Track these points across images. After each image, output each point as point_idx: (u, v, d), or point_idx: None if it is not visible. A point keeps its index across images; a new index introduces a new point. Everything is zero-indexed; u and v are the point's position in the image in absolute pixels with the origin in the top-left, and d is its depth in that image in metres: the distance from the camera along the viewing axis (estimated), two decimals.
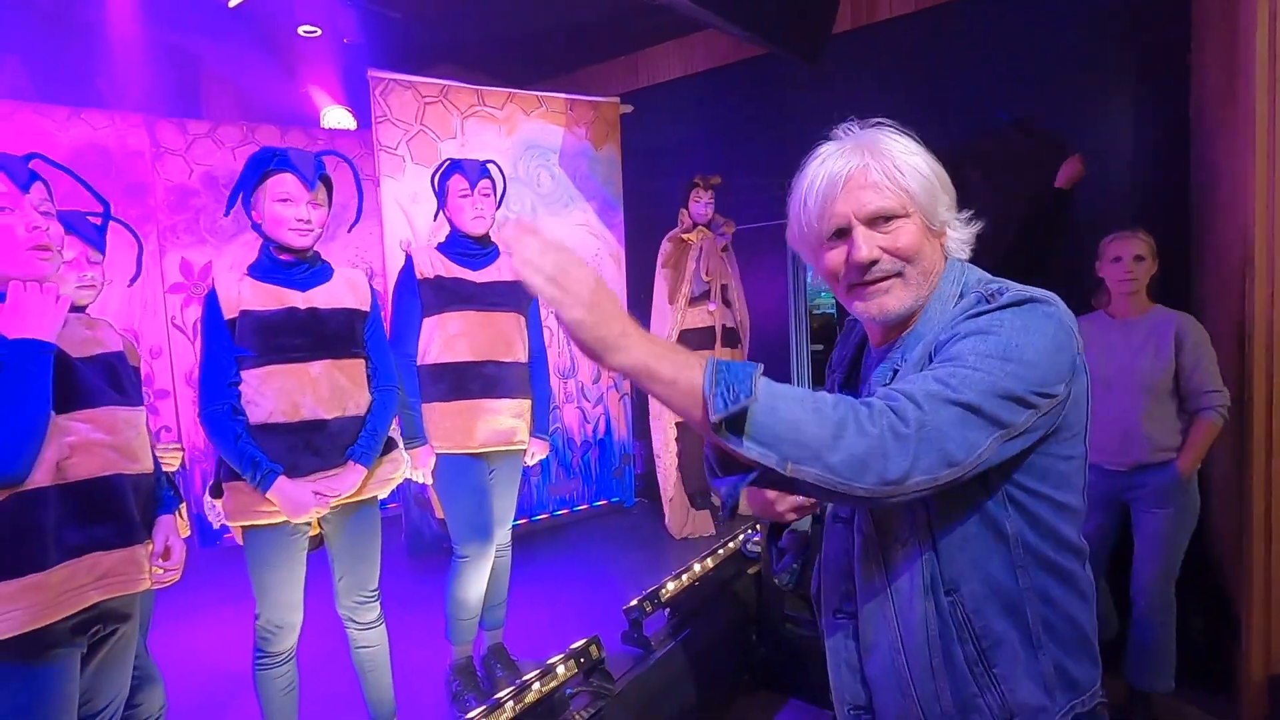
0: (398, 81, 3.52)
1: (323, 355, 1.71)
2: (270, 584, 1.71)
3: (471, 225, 2.16)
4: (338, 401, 1.72)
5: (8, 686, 1.12)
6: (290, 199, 1.65)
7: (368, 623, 1.90)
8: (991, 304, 0.84)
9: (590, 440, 4.20)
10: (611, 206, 4.21)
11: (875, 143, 0.91)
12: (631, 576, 3.28)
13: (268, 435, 1.64)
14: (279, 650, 1.76)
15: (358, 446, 1.75)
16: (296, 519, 1.67)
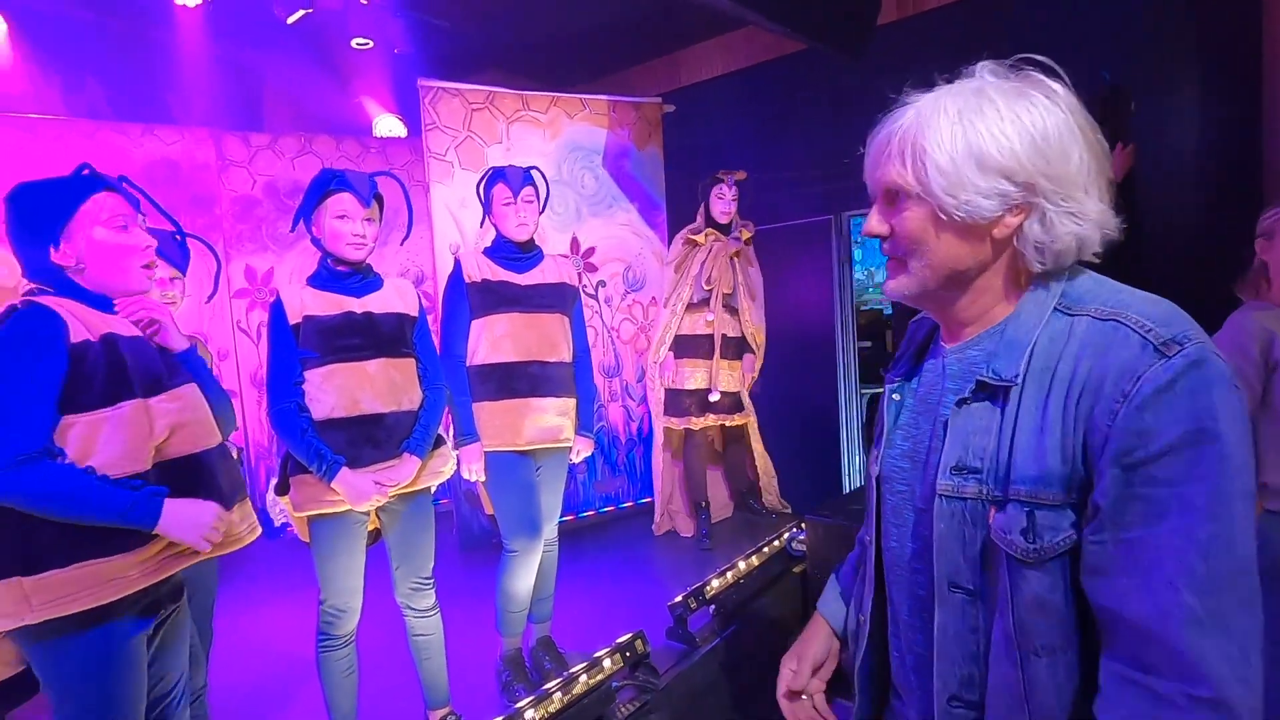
0: (445, 89, 3.62)
1: (378, 354, 1.83)
2: (333, 571, 1.82)
3: (515, 232, 2.23)
4: (393, 396, 1.84)
5: (90, 664, 1.21)
6: (347, 216, 1.78)
7: (423, 610, 1.99)
8: (1173, 379, 0.66)
9: (635, 438, 4.24)
10: (654, 205, 4.24)
11: (934, 107, 0.79)
12: (676, 573, 3.31)
13: (330, 429, 1.76)
14: (340, 634, 1.86)
15: (412, 439, 1.86)
16: (359, 507, 1.77)
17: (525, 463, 2.24)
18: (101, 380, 1.22)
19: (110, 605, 1.20)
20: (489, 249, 2.28)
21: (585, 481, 4.10)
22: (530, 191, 2.24)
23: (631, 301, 4.20)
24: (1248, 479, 0.66)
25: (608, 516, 4.14)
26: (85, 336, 1.22)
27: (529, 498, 2.24)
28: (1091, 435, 0.69)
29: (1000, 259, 0.80)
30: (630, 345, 4.21)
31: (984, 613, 0.78)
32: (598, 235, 4.07)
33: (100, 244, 1.29)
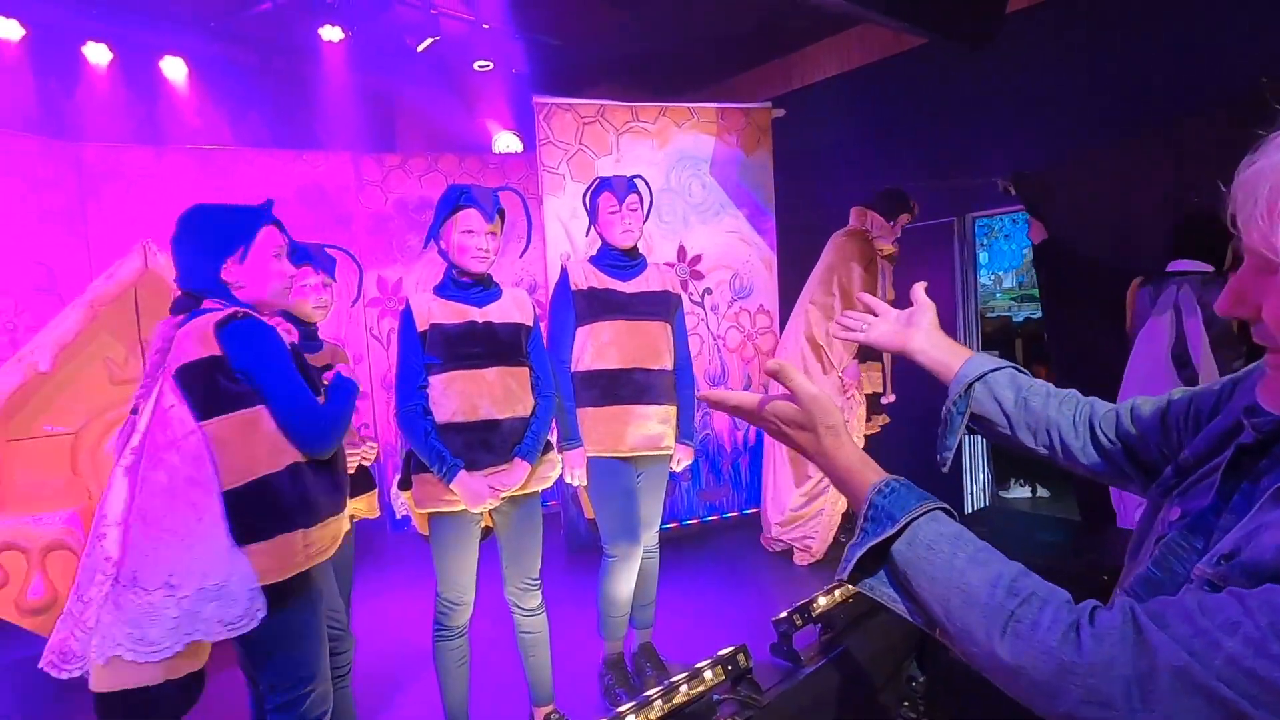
0: (558, 105, 3.75)
1: (496, 363, 1.92)
2: (449, 566, 1.93)
3: (620, 239, 2.26)
4: (508, 404, 1.92)
5: (305, 618, 1.46)
6: (473, 231, 1.88)
7: (530, 609, 2.06)
8: None
9: (740, 448, 4.18)
10: (763, 212, 4.18)
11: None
12: (780, 587, 3.23)
13: (450, 433, 1.86)
14: (455, 625, 1.96)
15: (523, 445, 1.94)
16: (474, 508, 1.86)
17: (626, 469, 2.26)
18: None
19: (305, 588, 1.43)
20: (594, 257, 2.33)
21: (690, 489, 4.09)
22: (635, 199, 2.27)
23: (739, 309, 4.16)
24: None
25: (711, 525, 4.11)
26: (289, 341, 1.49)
27: (629, 504, 2.26)
28: None
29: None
30: (736, 353, 4.16)
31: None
32: (704, 242, 4.06)
33: (262, 267, 1.48)
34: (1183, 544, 0.66)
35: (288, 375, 1.39)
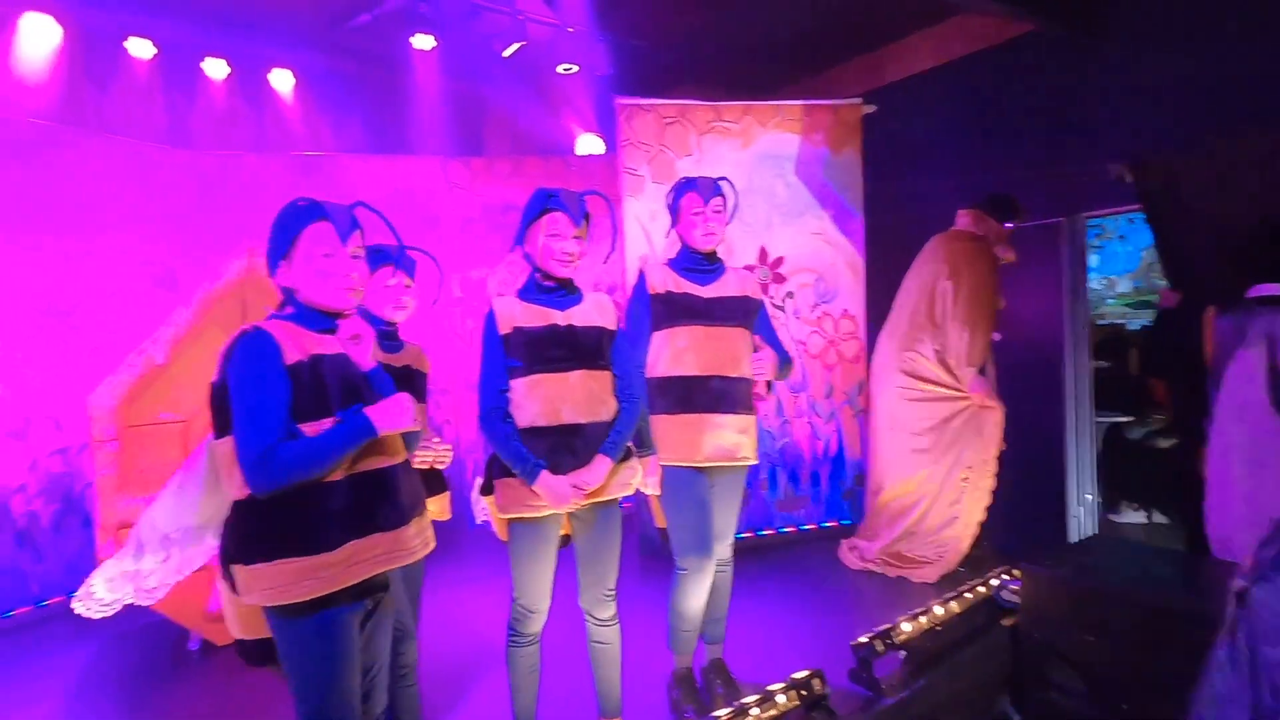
0: (640, 106, 3.73)
1: (578, 366, 1.89)
2: (526, 571, 1.91)
3: (701, 242, 2.20)
4: (591, 407, 1.89)
5: (309, 641, 1.38)
6: (559, 234, 1.86)
7: (604, 619, 2.03)
8: None
9: (820, 457, 4.03)
10: (849, 213, 4.00)
11: None
12: (860, 608, 3.08)
13: (533, 437, 1.84)
14: (529, 632, 1.95)
15: (606, 444, 1.91)
16: (558, 508, 1.85)
17: (700, 479, 2.19)
18: (307, 399, 1.37)
19: (323, 595, 1.35)
20: (673, 260, 2.27)
21: (767, 498, 3.98)
22: (719, 202, 2.20)
23: (821, 314, 4.00)
24: None
25: (788, 538, 3.98)
26: (298, 357, 1.37)
27: (702, 516, 2.19)
28: None
29: None
30: (819, 360, 4.01)
31: None
32: (787, 245, 3.93)
33: (310, 268, 1.42)
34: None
35: (248, 401, 1.31)
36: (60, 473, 3.56)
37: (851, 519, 4.07)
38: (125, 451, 2.89)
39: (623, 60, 4.82)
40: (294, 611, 1.36)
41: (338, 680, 1.39)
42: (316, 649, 1.38)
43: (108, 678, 2.82)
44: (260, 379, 1.33)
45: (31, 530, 3.45)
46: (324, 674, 1.38)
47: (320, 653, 1.38)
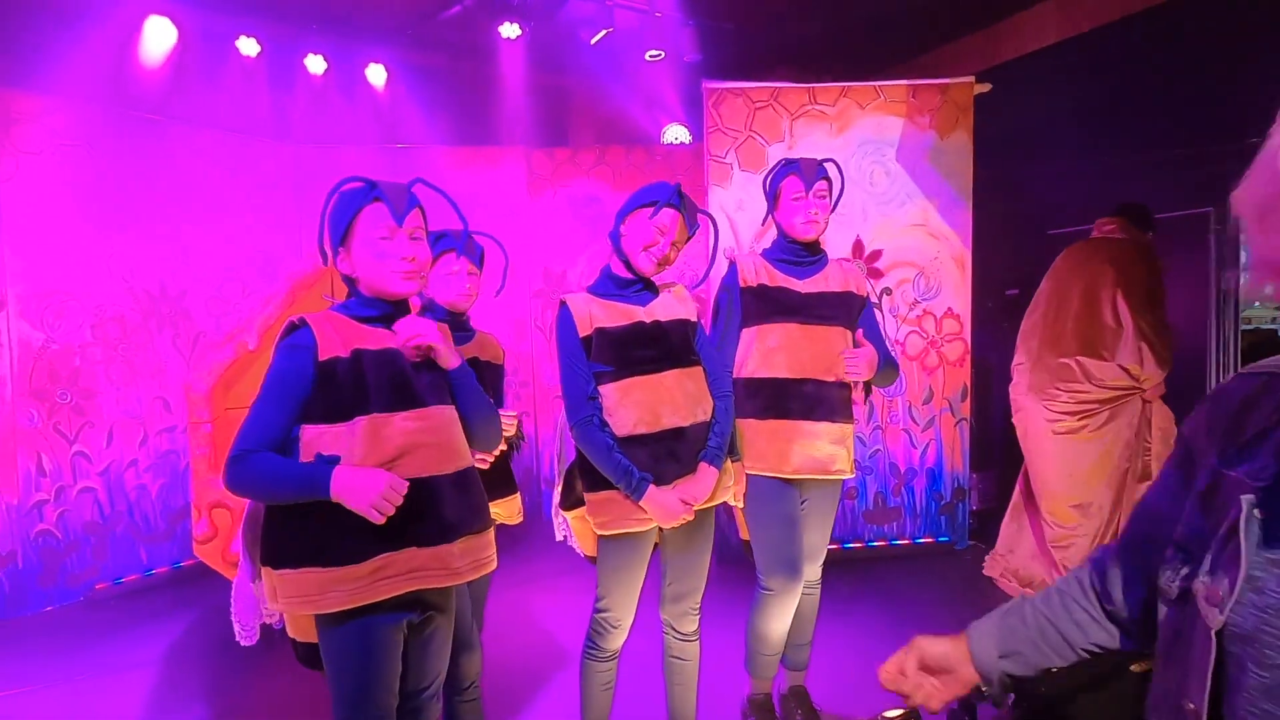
0: (729, 90, 3.54)
1: (671, 365, 1.75)
2: (616, 585, 1.78)
3: (802, 230, 1.98)
4: (690, 409, 1.75)
5: (343, 651, 1.32)
6: (666, 232, 1.71)
7: (686, 634, 1.89)
8: None
9: (916, 468, 3.73)
10: (958, 202, 3.67)
11: None
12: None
13: (633, 445, 1.70)
14: (609, 647, 1.83)
15: (708, 450, 1.76)
16: (667, 525, 1.71)
17: (789, 493, 2.00)
18: (343, 395, 1.29)
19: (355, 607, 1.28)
20: (768, 250, 2.08)
21: (855, 508, 3.72)
22: (824, 186, 1.97)
23: (921, 312, 3.69)
24: None
25: (877, 553, 3.71)
26: (335, 354, 1.29)
27: (790, 533, 2.00)
28: None
29: None
30: (917, 361, 3.70)
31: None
32: (885, 237, 3.64)
33: (365, 253, 1.33)
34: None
35: (258, 398, 1.29)
36: (167, 450, 3.76)
37: (949, 536, 3.75)
38: (218, 433, 2.99)
39: (711, 45, 4.63)
40: (329, 620, 1.30)
41: (369, 693, 1.33)
42: (349, 660, 1.32)
43: (201, 646, 2.94)
44: (279, 380, 1.29)
45: (141, 502, 3.67)
46: (356, 685, 1.32)
47: (353, 665, 1.32)
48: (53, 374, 3.37)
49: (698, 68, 4.68)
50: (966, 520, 3.78)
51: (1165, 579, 0.68)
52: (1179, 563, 0.67)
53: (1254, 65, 3.27)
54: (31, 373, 3.30)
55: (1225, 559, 0.61)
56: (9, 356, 3.24)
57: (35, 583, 3.31)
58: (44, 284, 3.34)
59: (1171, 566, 0.67)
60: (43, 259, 3.34)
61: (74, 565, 3.43)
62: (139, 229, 3.66)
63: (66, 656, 2.87)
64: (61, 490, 3.39)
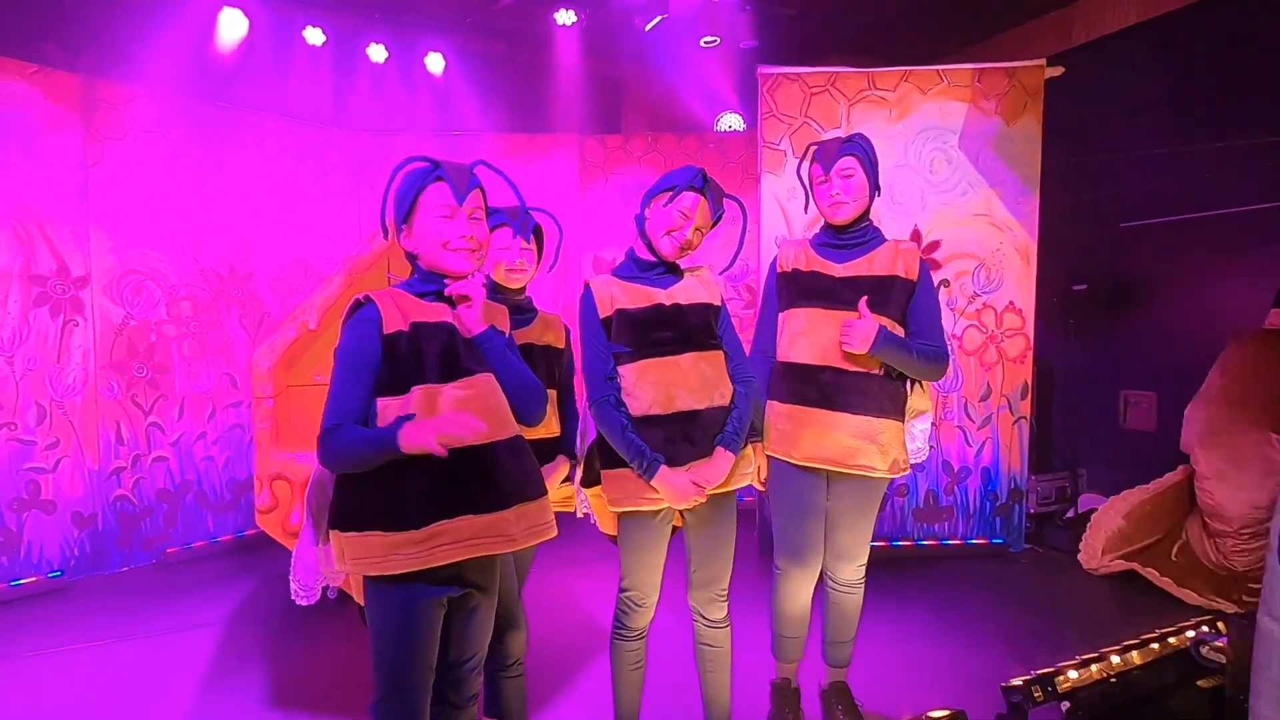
0: (785, 75, 3.48)
1: (689, 348, 1.74)
2: (636, 564, 1.80)
3: (829, 212, 1.94)
4: (706, 392, 1.74)
5: (386, 616, 1.35)
6: (688, 215, 1.71)
7: (715, 621, 1.89)
8: None
9: (970, 467, 3.61)
10: (1024, 191, 3.52)
11: None
12: (1011, 642, 2.70)
13: (647, 426, 1.71)
14: (635, 626, 1.85)
15: (725, 434, 1.75)
16: (677, 506, 1.72)
17: (807, 479, 1.96)
18: (403, 367, 1.32)
19: (406, 573, 1.31)
20: (815, 236, 2.04)
21: (904, 505, 3.64)
22: (849, 164, 1.90)
23: (981, 305, 3.57)
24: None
25: (927, 552, 3.62)
26: (398, 328, 1.33)
27: (800, 518, 1.97)
28: None
29: None
30: (975, 356, 3.58)
31: None
32: (944, 227, 3.53)
33: (426, 230, 1.37)
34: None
35: (336, 376, 1.34)
36: (233, 424, 3.95)
37: (1003, 539, 3.63)
38: (280, 409, 3.12)
39: (768, 31, 4.55)
40: (376, 587, 1.35)
41: (405, 660, 1.36)
42: (391, 626, 1.36)
43: (257, 616, 3.08)
44: (353, 354, 1.33)
45: (209, 473, 3.86)
46: (395, 652, 1.36)
47: (394, 632, 1.36)
48: (131, 348, 3.57)
49: (753, 54, 4.60)
50: (1023, 523, 3.65)
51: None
52: None
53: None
54: (112, 347, 3.50)
55: None
56: (94, 330, 3.45)
57: (113, 544, 3.53)
58: (124, 263, 3.54)
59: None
60: (123, 240, 3.53)
61: (148, 530, 3.63)
62: (210, 213, 3.83)
63: (139, 614, 3.05)
64: (138, 459, 3.60)
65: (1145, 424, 4.00)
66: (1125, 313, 4.05)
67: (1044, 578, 3.37)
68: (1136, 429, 4.04)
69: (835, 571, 2.06)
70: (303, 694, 2.41)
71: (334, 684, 2.48)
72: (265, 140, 4.03)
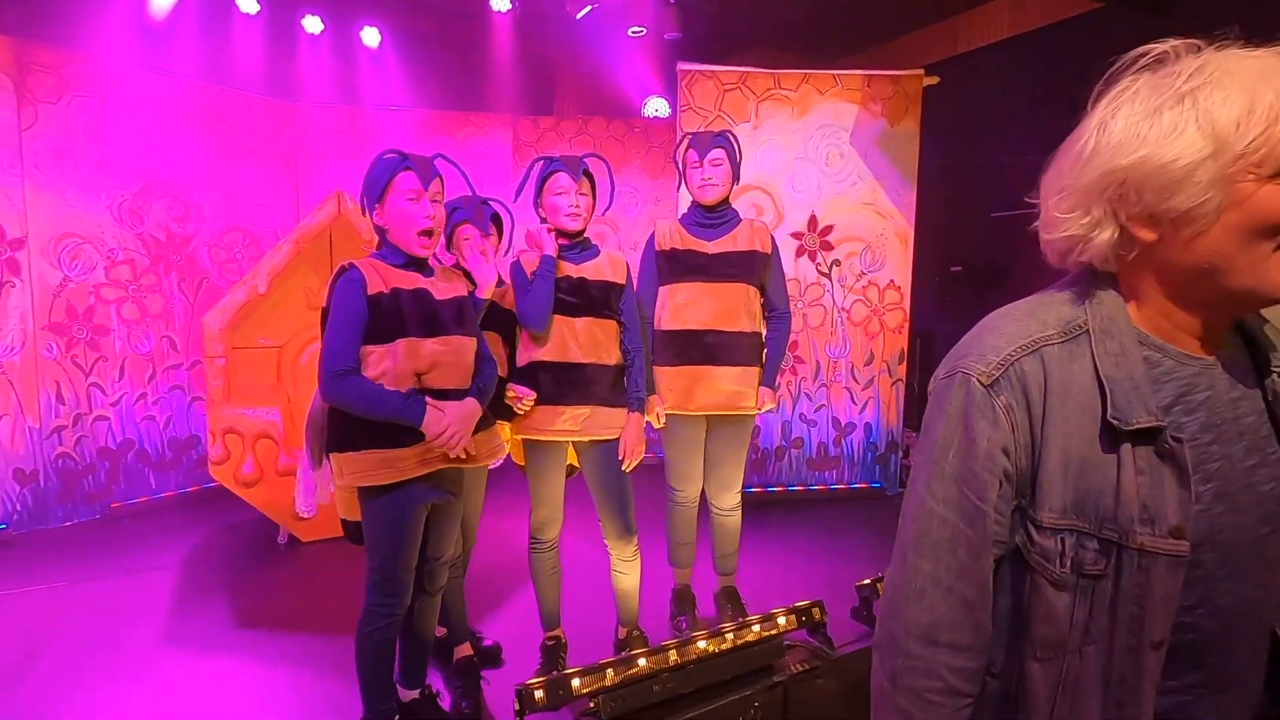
0: (702, 72, 3.86)
1: (586, 314, 2.10)
2: (538, 486, 2.18)
3: (699, 193, 2.32)
4: (594, 351, 2.10)
5: (382, 516, 1.72)
6: (565, 191, 2.06)
7: (625, 556, 2.27)
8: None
9: (855, 422, 4.18)
10: (904, 184, 4.05)
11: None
12: (875, 561, 3.26)
13: (541, 370, 2.07)
14: (546, 538, 2.23)
15: (632, 399, 2.17)
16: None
17: (693, 425, 2.39)
18: (386, 321, 1.66)
19: (398, 482, 1.67)
20: (684, 216, 2.41)
21: (798, 457, 4.17)
22: (718, 154, 2.29)
23: (867, 283, 4.10)
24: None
25: (818, 495, 4.17)
26: (379, 289, 1.66)
27: (689, 453, 2.41)
28: None
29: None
30: (861, 327, 4.12)
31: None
32: (837, 213, 4.03)
33: (395, 212, 1.69)
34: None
35: (334, 326, 1.63)
36: (173, 385, 4.08)
37: (882, 483, 4.23)
38: (231, 367, 3.32)
39: (691, 25, 4.90)
40: (375, 493, 1.70)
41: (398, 550, 1.74)
42: (386, 523, 1.72)
43: (211, 560, 3.30)
44: (345, 308, 1.64)
45: (150, 432, 3.99)
46: (389, 543, 1.72)
47: (389, 528, 1.72)
48: (70, 311, 3.65)
49: (677, 45, 4.96)
50: (898, 470, 4.25)
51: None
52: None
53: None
54: (50, 309, 3.58)
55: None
56: (31, 292, 3.52)
57: (55, 500, 3.64)
58: (61, 226, 3.60)
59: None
60: (60, 203, 3.59)
61: (90, 486, 3.76)
62: (148, 178, 3.91)
63: (93, 561, 3.22)
64: (79, 418, 3.71)
65: None
66: (993, 291, 4.69)
67: None
68: None
69: (719, 500, 2.51)
70: (269, 617, 2.69)
71: (297, 609, 2.77)
72: (202, 108, 4.11)
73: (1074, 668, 0.75)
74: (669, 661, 2.02)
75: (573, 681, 1.87)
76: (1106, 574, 0.73)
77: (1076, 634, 0.74)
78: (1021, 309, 0.82)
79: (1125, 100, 0.73)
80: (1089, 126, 0.75)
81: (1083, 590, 0.74)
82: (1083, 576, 0.73)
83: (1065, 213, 0.76)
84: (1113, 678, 0.74)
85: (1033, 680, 0.76)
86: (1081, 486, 0.73)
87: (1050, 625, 0.75)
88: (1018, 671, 0.78)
